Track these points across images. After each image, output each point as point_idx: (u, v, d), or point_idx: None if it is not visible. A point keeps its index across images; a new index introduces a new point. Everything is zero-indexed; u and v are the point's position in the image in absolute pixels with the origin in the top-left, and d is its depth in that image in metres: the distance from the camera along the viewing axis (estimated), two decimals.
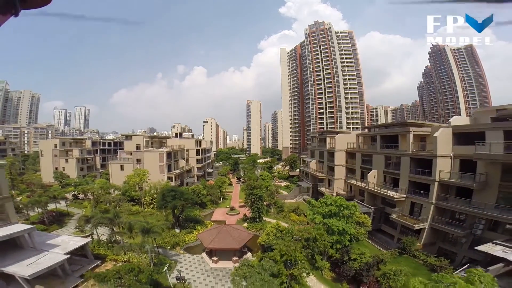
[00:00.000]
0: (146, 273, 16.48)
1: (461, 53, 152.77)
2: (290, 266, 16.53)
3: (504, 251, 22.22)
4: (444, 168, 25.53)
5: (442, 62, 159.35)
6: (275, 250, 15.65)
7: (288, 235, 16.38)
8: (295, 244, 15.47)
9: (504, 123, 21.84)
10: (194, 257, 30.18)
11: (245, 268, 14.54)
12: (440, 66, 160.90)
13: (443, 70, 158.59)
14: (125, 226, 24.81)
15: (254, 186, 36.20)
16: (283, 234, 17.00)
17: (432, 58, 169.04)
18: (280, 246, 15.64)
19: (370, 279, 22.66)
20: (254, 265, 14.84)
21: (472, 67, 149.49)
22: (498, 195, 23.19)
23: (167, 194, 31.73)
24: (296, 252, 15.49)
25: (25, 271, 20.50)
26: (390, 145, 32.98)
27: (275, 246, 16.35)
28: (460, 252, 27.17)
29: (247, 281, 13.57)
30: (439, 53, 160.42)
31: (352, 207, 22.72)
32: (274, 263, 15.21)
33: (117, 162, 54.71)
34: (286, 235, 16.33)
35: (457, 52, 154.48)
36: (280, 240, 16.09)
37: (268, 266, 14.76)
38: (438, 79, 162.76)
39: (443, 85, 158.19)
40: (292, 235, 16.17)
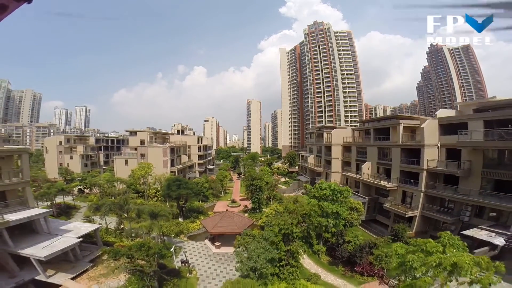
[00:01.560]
0: (156, 249, 18.23)
1: (459, 53, 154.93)
2: (288, 243, 18.30)
3: (488, 235, 23.76)
4: (431, 157, 27.40)
5: (440, 61, 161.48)
6: (274, 225, 17.38)
7: (285, 212, 18.08)
8: (291, 218, 17.14)
9: (484, 113, 23.76)
10: (197, 243, 31.97)
11: (246, 238, 16.20)
12: (438, 65, 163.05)
13: (441, 70, 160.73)
14: (134, 212, 26.56)
15: (254, 177, 38.02)
16: (281, 214, 18.70)
17: (430, 58, 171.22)
18: (278, 221, 17.37)
19: (364, 260, 24.34)
20: (255, 235, 16.46)
21: (469, 66, 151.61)
22: (481, 181, 24.98)
23: (172, 183, 33.55)
24: (292, 227, 17.18)
25: (40, 253, 21.72)
26: (382, 138, 34.91)
27: (273, 221, 18.09)
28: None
29: (248, 249, 15.24)
30: (437, 52, 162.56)
31: (345, 191, 24.54)
32: (274, 235, 16.92)
33: (122, 157, 56.59)
34: (284, 213, 18.03)
35: (455, 52, 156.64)
36: (278, 216, 17.80)
37: (268, 235, 16.47)
38: (436, 79, 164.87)
39: (441, 84, 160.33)
40: (289, 211, 17.86)
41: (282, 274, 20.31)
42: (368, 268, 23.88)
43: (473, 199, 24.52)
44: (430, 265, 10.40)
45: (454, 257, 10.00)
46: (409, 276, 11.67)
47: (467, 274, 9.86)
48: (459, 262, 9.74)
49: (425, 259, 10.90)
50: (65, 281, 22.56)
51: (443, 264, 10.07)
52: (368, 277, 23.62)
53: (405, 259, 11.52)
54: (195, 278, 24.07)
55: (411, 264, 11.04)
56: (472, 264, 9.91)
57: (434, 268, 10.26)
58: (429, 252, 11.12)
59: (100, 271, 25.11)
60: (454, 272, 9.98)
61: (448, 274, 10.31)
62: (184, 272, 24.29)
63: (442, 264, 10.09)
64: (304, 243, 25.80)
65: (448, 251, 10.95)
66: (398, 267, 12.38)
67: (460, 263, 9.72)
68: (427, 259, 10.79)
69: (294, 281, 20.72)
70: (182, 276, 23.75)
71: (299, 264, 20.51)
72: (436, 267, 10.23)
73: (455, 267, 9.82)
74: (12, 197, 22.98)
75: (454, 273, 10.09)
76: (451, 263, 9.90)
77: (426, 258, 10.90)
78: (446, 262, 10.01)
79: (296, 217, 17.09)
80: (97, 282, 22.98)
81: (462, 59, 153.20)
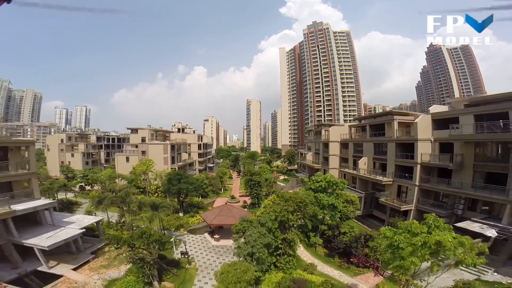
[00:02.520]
0: (156, 236, 18.91)
1: (457, 53, 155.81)
2: (285, 231, 18.97)
3: (481, 228, 24.31)
4: (425, 151, 28.10)
5: (438, 61, 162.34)
6: (270, 213, 18.02)
7: (282, 200, 18.71)
8: (287, 206, 17.80)
9: (474, 108, 24.49)
10: (197, 236, 32.65)
11: (244, 223, 16.83)
12: (436, 65, 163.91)
13: (440, 70, 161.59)
14: (135, 205, 27.26)
15: (254, 173, 38.71)
16: (277, 204, 19.33)
17: (429, 58, 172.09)
18: (275, 208, 18.04)
19: (359, 251, 24.98)
20: (252, 221, 17.10)
21: (468, 66, 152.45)
22: (473, 174, 25.66)
23: (173, 178, 34.28)
24: (288, 214, 17.83)
25: (44, 242, 22.19)
26: (378, 133, 35.66)
27: (270, 210, 18.74)
28: None
29: (245, 234, 15.89)
30: (436, 52, 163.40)
31: (340, 183, 25.22)
32: (270, 221, 17.57)
33: (123, 154, 57.36)
34: (280, 201, 18.67)
35: (453, 52, 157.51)
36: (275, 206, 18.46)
37: (264, 220, 17.13)
38: (435, 78, 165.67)
39: (440, 84, 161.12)
40: (285, 199, 18.49)
41: (279, 263, 20.99)
42: (364, 260, 24.48)
43: (465, 191, 25.20)
44: (415, 245, 11.03)
45: (437, 236, 10.63)
46: (397, 257, 12.31)
47: (451, 254, 10.48)
48: (443, 241, 10.36)
49: (411, 240, 11.55)
50: (67, 271, 23.09)
51: (427, 243, 10.70)
52: (364, 269, 24.21)
53: (393, 241, 12.17)
54: (194, 269, 24.71)
55: (397, 244, 11.68)
56: (456, 243, 10.54)
57: (419, 248, 10.90)
58: (415, 234, 11.77)
59: (101, 262, 25.70)
60: (439, 251, 10.59)
61: (433, 254, 10.93)
62: (184, 263, 24.94)
63: (426, 243, 10.72)
64: (300, 232, 26.43)
65: (433, 232, 11.59)
66: (387, 249, 13.03)
67: (443, 242, 10.34)
68: (413, 239, 11.43)
69: (291, 270, 21.42)
70: (181, 266, 24.41)
71: (295, 253, 21.15)
72: (422, 247, 10.86)
73: (439, 246, 10.44)
74: (18, 188, 23.66)
75: (439, 252, 10.70)
76: (435, 241, 10.52)
77: (412, 239, 11.55)
78: (430, 240, 10.64)
79: (292, 205, 17.69)
80: (98, 273, 23.49)
81: (460, 59, 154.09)
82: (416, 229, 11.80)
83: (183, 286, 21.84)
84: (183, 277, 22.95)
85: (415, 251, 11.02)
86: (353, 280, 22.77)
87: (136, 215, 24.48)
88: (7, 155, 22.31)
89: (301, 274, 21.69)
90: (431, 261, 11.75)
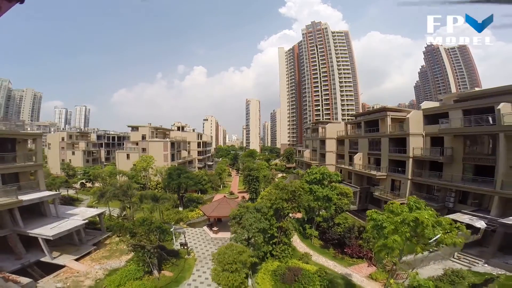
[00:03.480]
0: (157, 223, 19.77)
1: (455, 52, 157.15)
2: (280, 219, 19.85)
3: (470, 219, 25.13)
4: (417, 145, 29.05)
5: (436, 61, 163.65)
6: (266, 200, 18.89)
7: (277, 189, 19.58)
8: (282, 193, 18.68)
9: (462, 103, 25.47)
10: (196, 230, 33.48)
11: (241, 209, 17.70)
12: (434, 65, 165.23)
13: (437, 69, 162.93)
14: (136, 198, 28.11)
15: (252, 168, 39.57)
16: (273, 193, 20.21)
17: (427, 58, 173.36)
18: (270, 196, 18.91)
19: (352, 242, 25.85)
20: (248, 207, 17.98)
21: (465, 65, 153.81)
22: (463, 167, 26.60)
23: (174, 172, 35.17)
24: (283, 202, 18.70)
25: (48, 232, 22.93)
26: (372, 129, 36.62)
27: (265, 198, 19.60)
28: None
29: (242, 219, 16.77)
30: (434, 52, 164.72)
31: (334, 175, 26.13)
32: (266, 207, 18.44)
33: (124, 151, 58.20)
34: (275, 190, 19.54)
35: (451, 52, 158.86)
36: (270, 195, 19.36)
37: (260, 206, 17.97)
38: (433, 78, 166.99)
39: (438, 83, 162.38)
40: (280, 188, 19.37)
41: (275, 252, 21.87)
42: (357, 250, 25.28)
43: (455, 184, 26.09)
44: (396, 222, 11.96)
45: (415, 213, 11.54)
46: (381, 236, 13.22)
47: (431, 233, 11.36)
48: (420, 217, 11.27)
49: (393, 219, 12.45)
50: (69, 262, 23.78)
51: (406, 220, 11.62)
52: (358, 259, 24.95)
53: (377, 221, 13.08)
54: (193, 259, 25.51)
55: (381, 224, 12.58)
56: (432, 220, 11.43)
57: (399, 225, 11.81)
58: (397, 214, 12.69)
59: (103, 253, 26.47)
60: (418, 228, 11.48)
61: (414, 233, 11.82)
62: (183, 254, 25.76)
63: (405, 220, 11.64)
64: (295, 221, 27.23)
65: (413, 212, 12.49)
66: (372, 229, 13.94)
67: (420, 218, 11.24)
68: (394, 218, 12.34)
69: (287, 259, 22.29)
70: (181, 257, 25.21)
71: (290, 242, 22.02)
72: (402, 224, 11.77)
73: (417, 222, 11.34)
74: (24, 180, 24.48)
75: (417, 229, 11.59)
76: (412, 218, 11.43)
77: (394, 218, 12.45)
78: (409, 217, 11.56)
79: (286, 193, 18.54)
80: (99, 263, 24.20)
81: (458, 59, 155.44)
82: (396, 209, 12.72)
83: (182, 275, 22.61)
84: (182, 267, 23.74)
85: (397, 229, 11.91)
86: (347, 270, 23.42)
87: (138, 207, 25.28)
88: (15, 147, 23.18)
89: (297, 263, 22.55)
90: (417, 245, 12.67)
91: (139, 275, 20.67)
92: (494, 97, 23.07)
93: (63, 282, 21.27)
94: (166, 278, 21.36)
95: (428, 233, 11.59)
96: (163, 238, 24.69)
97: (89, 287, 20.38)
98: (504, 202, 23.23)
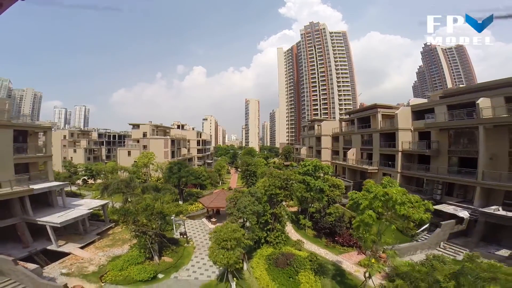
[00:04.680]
0: (158, 209, 21.18)
1: (452, 52, 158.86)
2: (273, 206, 21.22)
3: (455, 209, 26.46)
4: (405, 140, 30.51)
5: (433, 61, 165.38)
6: (260, 187, 20.22)
7: (270, 177, 20.90)
8: (275, 180, 20.03)
9: (447, 99, 26.94)
10: (195, 221, 34.84)
11: (237, 193, 19.02)
12: (431, 65, 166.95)
13: (435, 69, 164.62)
14: (139, 189, 29.42)
15: (249, 163, 40.95)
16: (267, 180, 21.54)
17: (424, 58, 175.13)
18: (264, 183, 20.24)
19: (343, 231, 27.23)
20: (243, 191, 19.27)
21: (462, 65, 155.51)
22: (448, 160, 28.03)
23: (174, 166, 36.59)
24: (276, 189, 20.07)
25: (56, 220, 24.34)
26: (364, 126, 38.10)
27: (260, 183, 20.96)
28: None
29: (237, 202, 18.16)
30: (431, 52, 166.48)
31: (326, 167, 27.54)
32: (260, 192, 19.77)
33: (125, 148, 59.64)
34: (269, 177, 20.92)
35: (448, 52, 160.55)
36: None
37: (254, 191, 19.31)
38: (430, 78, 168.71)
39: (435, 83, 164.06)
40: (274, 176, 20.69)
41: (269, 238, 23.25)
42: (348, 239, 26.61)
43: (441, 176, 27.50)
44: (369, 198, 13.42)
45: (385, 189, 13.00)
46: (359, 213, 14.70)
47: (401, 208, 12.76)
48: (389, 192, 12.68)
49: (367, 196, 13.96)
50: (74, 249, 25.11)
51: (378, 195, 13.06)
52: (348, 248, 26.33)
53: (355, 199, 14.63)
54: (192, 247, 26.88)
55: (357, 201, 14.02)
56: (400, 195, 12.85)
57: (372, 200, 13.24)
58: (371, 192, 14.21)
59: (106, 242, 27.83)
60: (388, 202, 12.88)
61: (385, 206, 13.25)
62: (183, 242, 27.16)
63: (377, 195, 13.07)
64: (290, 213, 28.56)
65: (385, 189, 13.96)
66: (351, 207, 15.52)
67: (389, 192, 12.66)
68: (368, 195, 13.83)
69: (280, 245, 23.68)
70: (180, 245, 26.59)
71: (284, 229, 23.41)
72: (374, 199, 13.18)
73: (388, 198, 12.74)
74: (33, 170, 25.88)
75: (388, 203, 12.99)
76: (382, 192, 12.86)
77: (368, 195, 13.94)
78: (379, 192, 13.00)
79: (279, 181, 19.88)
80: (102, 251, 25.57)
81: (455, 59, 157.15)
82: (370, 187, 14.20)
83: (181, 261, 23.94)
84: (182, 254, 25.08)
85: (371, 204, 13.33)
86: (338, 258, 24.65)
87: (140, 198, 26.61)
88: (26, 139, 24.57)
89: (290, 249, 23.90)
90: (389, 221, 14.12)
91: (141, 260, 21.93)
92: (475, 93, 24.50)
93: (68, 268, 22.50)
94: (166, 263, 22.69)
95: (398, 209, 12.98)
96: (163, 228, 25.99)
97: (92, 272, 21.55)
98: (486, 193, 24.54)
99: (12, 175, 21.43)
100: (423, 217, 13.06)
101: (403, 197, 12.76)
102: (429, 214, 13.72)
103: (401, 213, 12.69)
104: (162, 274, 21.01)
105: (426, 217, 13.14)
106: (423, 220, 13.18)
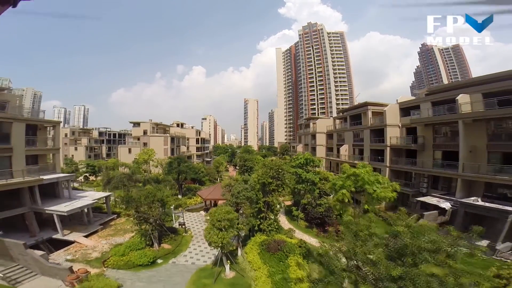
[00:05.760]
0: (159, 196, 22.67)
1: (448, 52, 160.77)
2: (266, 195, 22.70)
3: (438, 201, 27.80)
4: (393, 135, 32.09)
5: (430, 61, 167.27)
6: (253, 175, 21.66)
7: (263, 167, 22.32)
8: (267, 169, 21.46)
9: (431, 96, 28.54)
10: (194, 214, 36.36)
11: (232, 181, 20.46)
12: (428, 65, 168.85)
13: (432, 69, 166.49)
14: (141, 182, 31.04)
15: (246, 159, 42.44)
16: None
17: (421, 58, 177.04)
18: (257, 172, 21.70)
19: (333, 221, 28.75)
20: (238, 180, 20.74)
21: (458, 65, 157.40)
22: (433, 153, 29.58)
23: (174, 161, 38.12)
24: (268, 178, 21.54)
25: (63, 209, 25.91)
26: (356, 122, 39.72)
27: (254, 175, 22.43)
28: (414, 211, 33.48)
29: (232, 189, 19.70)
30: (428, 52, 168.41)
31: (317, 161, 29.10)
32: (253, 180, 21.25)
33: (125, 146, 61.16)
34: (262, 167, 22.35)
35: (445, 52, 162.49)
36: None
37: (247, 179, 20.79)
38: (427, 78, 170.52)
39: (432, 83, 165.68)
40: (266, 166, 22.10)
41: (263, 226, 24.75)
42: (337, 229, 28.27)
43: (426, 169, 29.04)
44: (343, 178, 14.99)
45: (356, 170, 14.59)
46: (335, 194, 16.36)
47: (370, 188, 14.31)
48: (357, 171, 14.27)
49: (342, 176, 15.58)
50: (78, 238, 26.67)
51: (349, 175, 14.64)
52: (337, 237, 28.03)
53: (333, 182, 16.28)
54: (190, 236, 28.48)
55: (335, 182, 15.58)
56: (368, 176, 14.42)
57: (345, 180, 14.80)
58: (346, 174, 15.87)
59: (108, 232, 29.38)
60: (358, 182, 14.43)
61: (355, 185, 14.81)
62: (181, 232, 28.75)
63: (349, 175, 14.65)
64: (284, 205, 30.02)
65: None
66: (330, 188, 17.15)
67: (358, 172, 14.24)
68: (342, 175, 15.44)
69: (273, 233, 25.21)
70: (179, 234, 28.18)
71: (276, 217, 24.95)
72: (346, 179, 14.72)
73: (356, 177, 14.29)
74: (42, 162, 27.47)
75: (358, 182, 14.54)
76: (353, 173, 14.43)
77: (342, 175, 15.56)
78: (349, 172, 14.60)
79: (271, 169, 21.30)
80: (105, 239, 27.14)
81: (451, 59, 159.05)
82: (346, 170, 15.80)
83: (180, 248, 25.52)
84: (180, 241, 26.66)
85: (344, 184, 14.90)
86: None
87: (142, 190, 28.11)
88: (36, 133, 26.15)
89: (282, 237, 25.47)
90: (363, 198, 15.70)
91: (141, 246, 23.46)
92: (457, 90, 26.08)
93: (73, 254, 23.99)
94: (165, 249, 24.26)
95: (368, 188, 14.53)
96: (163, 218, 27.51)
97: (96, 258, 23.02)
98: (467, 184, 26.00)
99: (23, 166, 22.94)
100: (390, 196, 14.56)
101: (371, 177, 14.28)
102: (395, 193, 15.26)
103: (370, 192, 14.20)
104: (161, 260, 22.55)
105: (392, 196, 14.63)
106: (390, 199, 14.62)
